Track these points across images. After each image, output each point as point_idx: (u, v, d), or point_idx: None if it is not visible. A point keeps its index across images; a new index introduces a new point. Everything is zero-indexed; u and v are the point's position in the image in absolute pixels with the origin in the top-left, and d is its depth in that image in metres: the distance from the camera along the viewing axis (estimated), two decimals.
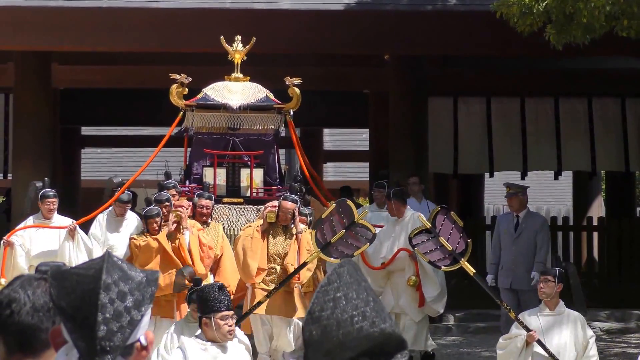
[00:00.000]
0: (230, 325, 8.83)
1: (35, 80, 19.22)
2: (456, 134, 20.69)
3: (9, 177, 20.23)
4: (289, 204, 13.27)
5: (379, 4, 18.53)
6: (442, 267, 11.75)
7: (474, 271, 11.52)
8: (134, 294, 3.06)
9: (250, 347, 10.44)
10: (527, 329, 10.50)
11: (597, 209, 24.68)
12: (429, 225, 11.21)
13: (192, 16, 17.62)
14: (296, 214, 13.30)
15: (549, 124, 20.81)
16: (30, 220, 14.73)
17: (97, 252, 14.32)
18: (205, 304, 8.72)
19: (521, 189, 15.38)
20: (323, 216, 11.78)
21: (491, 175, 21.43)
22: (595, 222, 22.12)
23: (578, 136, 20.86)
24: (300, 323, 12.33)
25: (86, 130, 28.60)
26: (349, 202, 11.79)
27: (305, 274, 13.04)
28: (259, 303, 12.60)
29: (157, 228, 13.40)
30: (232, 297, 13.30)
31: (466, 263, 11.22)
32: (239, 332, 10.52)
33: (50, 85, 19.70)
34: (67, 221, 14.74)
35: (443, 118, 20.48)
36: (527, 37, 15.70)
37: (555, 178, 22.27)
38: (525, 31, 15.47)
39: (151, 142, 23.80)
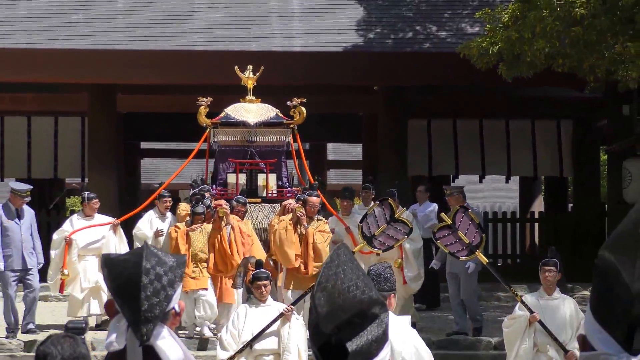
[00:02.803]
0: None
1: (104, 106, 19.19)
2: (430, 146, 20.66)
3: (86, 180, 20.22)
4: (314, 199, 13.02)
5: (370, 46, 18.50)
6: (461, 257, 10.90)
7: (487, 261, 10.87)
8: (168, 275, 3.16)
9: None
10: (530, 311, 9.98)
11: (538, 206, 24.62)
12: (450, 221, 10.52)
13: (225, 56, 17.58)
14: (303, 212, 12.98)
15: (501, 140, 20.77)
16: (75, 217, 14.52)
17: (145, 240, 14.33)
18: (388, 282, 6.78)
19: (456, 189, 14.75)
20: (368, 212, 11.10)
21: (457, 178, 21.33)
22: (536, 216, 22.09)
23: (523, 149, 20.82)
24: None
25: (144, 145, 28.57)
26: (390, 201, 11.12)
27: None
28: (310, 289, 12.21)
29: (200, 225, 13.27)
30: None
31: (480, 254, 10.55)
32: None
33: (116, 110, 19.69)
34: (107, 219, 14.54)
35: (419, 135, 20.43)
36: (484, 71, 15.65)
37: (506, 181, 22.23)
38: (482, 67, 15.43)
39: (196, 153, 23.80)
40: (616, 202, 19.02)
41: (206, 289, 13.19)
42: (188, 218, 13.48)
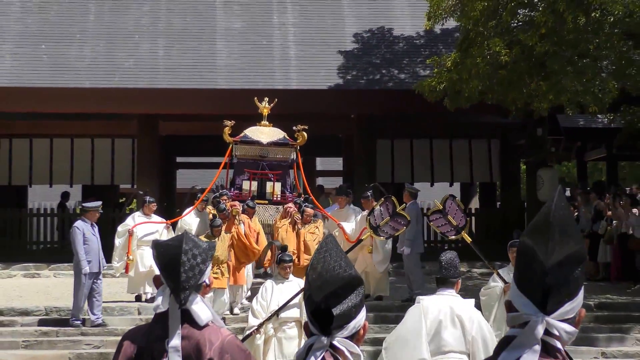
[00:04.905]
0: None
1: (149, 130, 19.13)
2: (392, 160, 20.69)
3: (135, 186, 20.19)
4: (310, 210, 12.79)
5: (348, 85, 18.54)
6: (450, 236, 9.81)
7: (471, 240, 10.05)
8: (202, 255, 3.19)
9: None
10: (505, 281, 9.39)
11: (475, 204, 24.64)
12: (441, 206, 9.59)
13: (239, 93, 17.61)
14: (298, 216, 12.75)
15: (446, 155, 20.81)
16: (136, 214, 14.27)
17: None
18: (457, 269, 6.09)
19: (411, 189, 14.09)
20: (374, 207, 10.31)
21: (412, 184, 21.32)
22: (473, 212, 22.10)
23: (463, 162, 20.87)
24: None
25: (180, 159, 28.48)
26: (393, 198, 10.35)
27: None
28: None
29: (218, 235, 12.71)
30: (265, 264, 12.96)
31: (465, 234, 9.70)
32: None
33: (158, 133, 19.63)
34: (160, 218, 14.29)
35: (385, 151, 20.45)
36: (433, 103, 15.69)
37: (450, 186, 22.25)
38: (432, 100, 15.47)
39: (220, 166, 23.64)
40: (532, 201, 19.09)
41: (224, 289, 12.60)
42: (209, 230, 13.00)
